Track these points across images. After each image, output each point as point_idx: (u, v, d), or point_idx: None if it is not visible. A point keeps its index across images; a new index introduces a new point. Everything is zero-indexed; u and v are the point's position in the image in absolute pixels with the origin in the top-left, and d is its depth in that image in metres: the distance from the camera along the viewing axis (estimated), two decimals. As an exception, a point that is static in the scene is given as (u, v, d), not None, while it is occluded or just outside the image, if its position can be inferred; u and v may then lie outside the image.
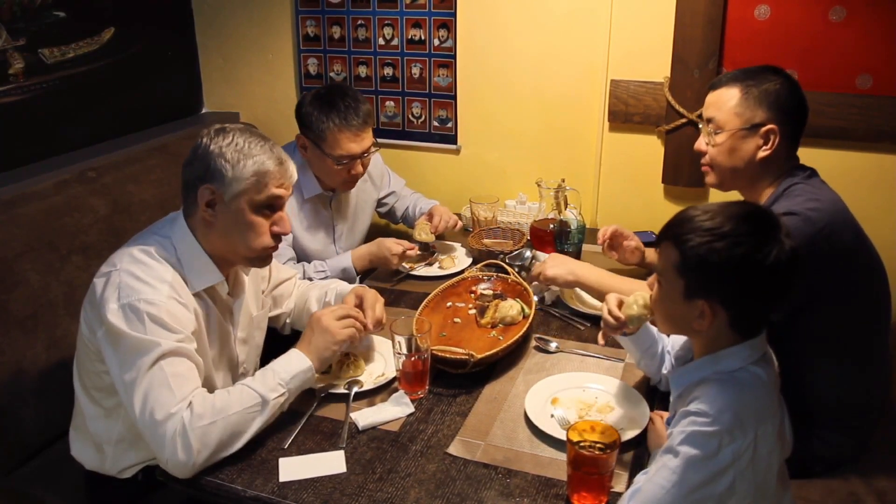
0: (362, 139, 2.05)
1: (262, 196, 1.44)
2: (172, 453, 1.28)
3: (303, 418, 1.47)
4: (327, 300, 1.80)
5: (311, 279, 2.05)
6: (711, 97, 1.64)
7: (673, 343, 1.48)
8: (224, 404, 1.33)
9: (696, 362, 1.21)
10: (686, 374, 1.22)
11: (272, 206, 1.47)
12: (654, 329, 1.50)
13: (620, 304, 1.46)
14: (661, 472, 1.12)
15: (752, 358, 1.17)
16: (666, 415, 1.42)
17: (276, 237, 1.49)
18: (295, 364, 1.43)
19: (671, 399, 1.28)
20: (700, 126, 1.73)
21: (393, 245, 2.06)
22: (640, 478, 1.24)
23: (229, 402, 1.34)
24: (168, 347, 1.32)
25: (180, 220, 1.48)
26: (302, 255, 2.17)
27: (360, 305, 1.67)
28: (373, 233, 2.45)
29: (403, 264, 2.13)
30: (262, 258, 1.52)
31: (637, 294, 1.40)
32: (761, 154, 1.59)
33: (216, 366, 1.55)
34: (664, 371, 1.49)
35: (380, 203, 2.46)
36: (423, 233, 2.17)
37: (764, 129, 1.57)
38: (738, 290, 1.12)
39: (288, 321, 1.84)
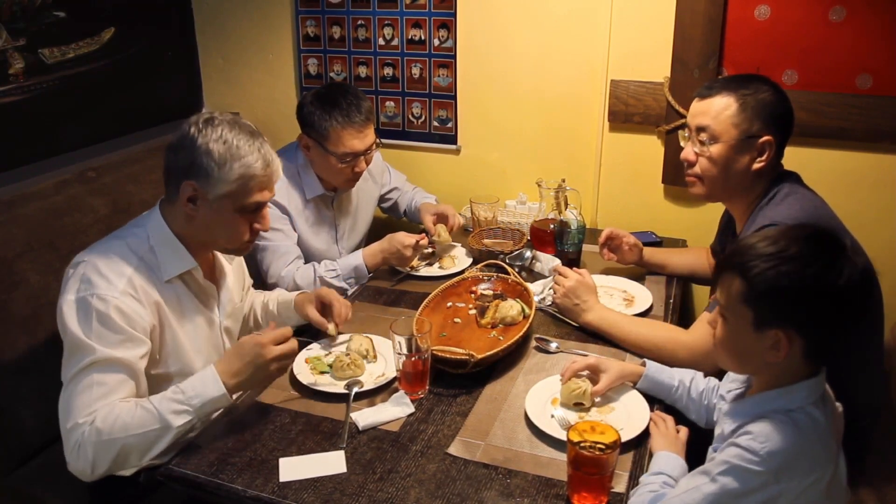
0: (365, 136, 2.06)
1: (245, 201, 1.46)
2: (74, 460, 1.33)
3: (303, 418, 1.47)
4: (271, 309, 1.82)
5: (321, 278, 2.06)
6: (702, 105, 1.60)
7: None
8: (125, 424, 1.31)
9: (758, 396, 1.15)
10: (746, 408, 1.16)
11: (255, 210, 1.49)
12: (668, 376, 1.49)
13: (596, 369, 1.48)
14: (692, 494, 1.09)
15: (812, 398, 1.12)
16: (670, 419, 1.41)
17: (255, 232, 1.53)
18: (209, 389, 1.36)
19: (719, 427, 1.24)
20: (685, 134, 1.67)
21: (405, 238, 2.06)
22: (649, 479, 1.23)
23: (131, 422, 1.32)
24: (102, 355, 1.34)
25: (156, 210, 1.52)
26: (306, 256, 2.17)
27: (323, 309, 1.72)
28: (375, 229, 2.46)
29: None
30: (240, 250, 1.56)
31: (581, 385, 1.44)
32: (756, 166, 1.57)
33: (198, 353, 1.56)
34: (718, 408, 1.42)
35: (383, 199, 2.47)
36: (444, 233, 2.18)
37: (761, 140, 1.56)
38: (813, 314, 1.07)
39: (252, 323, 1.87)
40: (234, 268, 1.68)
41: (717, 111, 1.57)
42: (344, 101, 2.03)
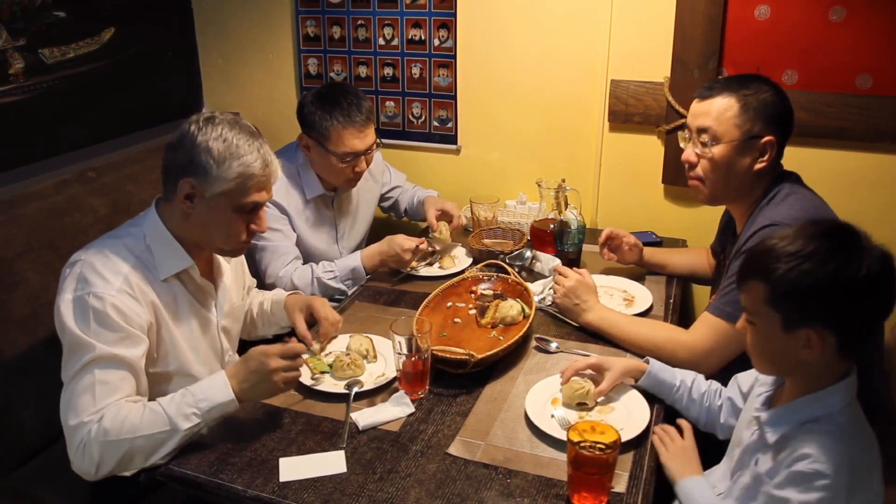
0: (366, 135, 2.07)
1: (243, 200, 1.45)
2: (78, 460, 1.33)
3: (303, 418, 1.47)
4: (265, 308, 1.82)
5: (319, 279, 2.06)
6: (702, 106, 1.60)
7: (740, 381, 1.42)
8: (134, 425, 1.32)
9: (797, 402, 1.15)
10: (785, 416, 1.15)
11: (252, 210, 1.49)
12: (670, 375, 1.48)
13: (599, 368, 1.47)
14: None
15: (849, 398, 1.12)
16: (670, 428, 1.38)
17: (251, 233, 1.52)
18: (218, 394, 1.37)
19: (750, 439, 1.23)
20: (686, 135, 1.67)
21: (404, 241, 2.05)
22: None
23: (140, 424, 1.33)
24: (102, 352, 1.34)
25: (152, 209, 1.51)
26: (306, 256, 2.17)
27: (310, 318, 1.71)
28: (375, 228, 2.46)
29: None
30: (235, 251, 1.56)
31: (584, 385, 1.43)
32: (757, 166, 1.58)
33: (195, 352, 1.56)
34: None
35: (383, 198, 2.48)
36: (445, 231, 2.18)
37: (763, 140, 1.56)
38: (840, 309, 1.07)
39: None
40: (232, 267, 1.68)
41: (719, 112, 1.57)
42: (345, 100, 2.03)
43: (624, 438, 1.28)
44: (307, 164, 2.15)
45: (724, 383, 1.47)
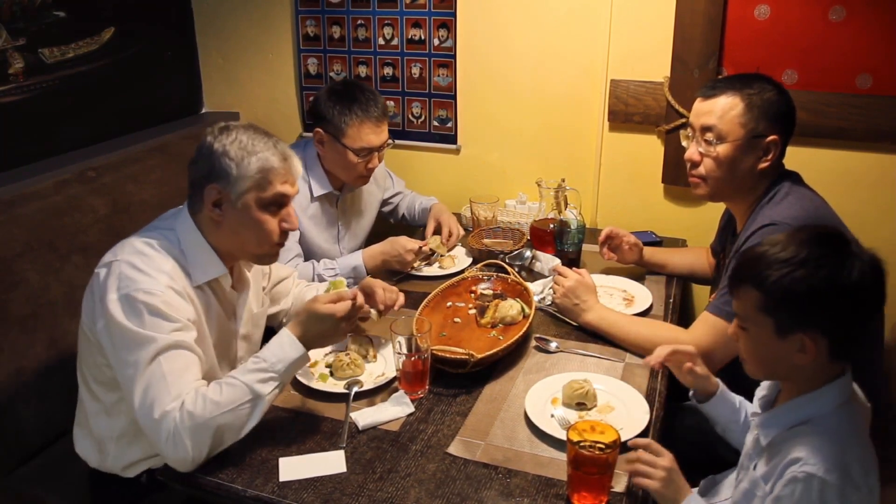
0: (382, 131, 2.09)
1: (268, 194, 1.45)
2: (171, 451, 1.30)
3: (303, 418, 1.47)
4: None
5: (320, 276, 2.06)
6: (706, 105, 1.60)
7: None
8: (216, 402, 1.31)
9: (788, 404, 1.16)
10: (778, 418, 1.16)
11: (279, 204, 1.48)
12: (735, 398, 1.43)
13: (695, 361, 1.41)
14: None
15: (842, 398, 1.13)
16: (645, 454, 1.30)
17: (284, 233, 1.51)
18: (291, 352, 1.38)
19: (751, 444, 1.23)
20: (688, 133, 1.67)
21: (408, 243, 2.07)
22: None
23: (221, 400, 1.31)
24: (165, 342, 1.33)
25: (185, 214, 1.49)
26: (307, 253, 2.17)
27: (369, 300, 1.69)
28: (375, 230, 2.46)
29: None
30: (271, 255, 1.53)
31: (584, 385, 1.43)
32: (761, 165, 1.57)
33: (214, 359, 1.54)
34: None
35: (385, 203, 2.48)
36: (437, 246, 2.18)
37: (767, 140, 1.56)
38: (832, 314, 1.08)
39: (285, 320, 1.84)
40: (254, 277, 1.66)
41: (723, 111, 1.57)
42: (362, 96, 2.06)
43: (624, 438, 1.28)
44: (316, 161, 2.16)
45: (725, 384, 1.46)
